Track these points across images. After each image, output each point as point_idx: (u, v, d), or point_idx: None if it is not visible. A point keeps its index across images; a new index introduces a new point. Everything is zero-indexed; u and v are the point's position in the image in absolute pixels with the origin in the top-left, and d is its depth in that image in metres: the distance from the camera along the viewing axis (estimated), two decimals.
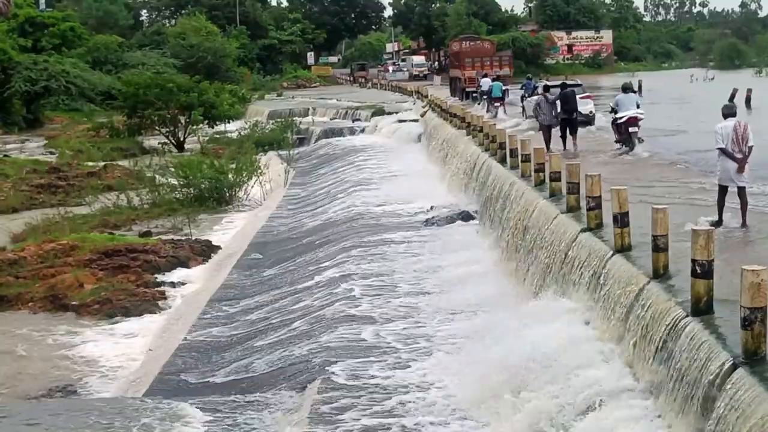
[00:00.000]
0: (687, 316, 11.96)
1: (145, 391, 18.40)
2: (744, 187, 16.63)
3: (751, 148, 16.34)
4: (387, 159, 51.10)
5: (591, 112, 38.17)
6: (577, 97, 34.17)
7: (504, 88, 50.56)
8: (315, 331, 20.53)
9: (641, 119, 29.61)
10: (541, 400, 13.44)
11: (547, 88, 33.50)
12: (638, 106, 29.50)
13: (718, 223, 16.30)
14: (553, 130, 31.02)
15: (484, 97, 52.23)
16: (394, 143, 57.43)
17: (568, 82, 37.63)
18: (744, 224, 16.64)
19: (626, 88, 30.22)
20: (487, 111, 48.65)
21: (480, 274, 23.19)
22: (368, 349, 18.84)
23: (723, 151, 16.33)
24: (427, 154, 50.27)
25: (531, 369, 14.16)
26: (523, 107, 45.12)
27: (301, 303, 23.38)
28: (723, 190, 16.64)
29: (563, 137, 30.81)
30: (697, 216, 17.04)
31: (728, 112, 16.58)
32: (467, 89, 65.17)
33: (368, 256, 27.33)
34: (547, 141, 30.08)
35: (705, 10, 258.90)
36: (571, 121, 30.94)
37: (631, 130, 28.96)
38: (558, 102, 31.02)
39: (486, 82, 52.97)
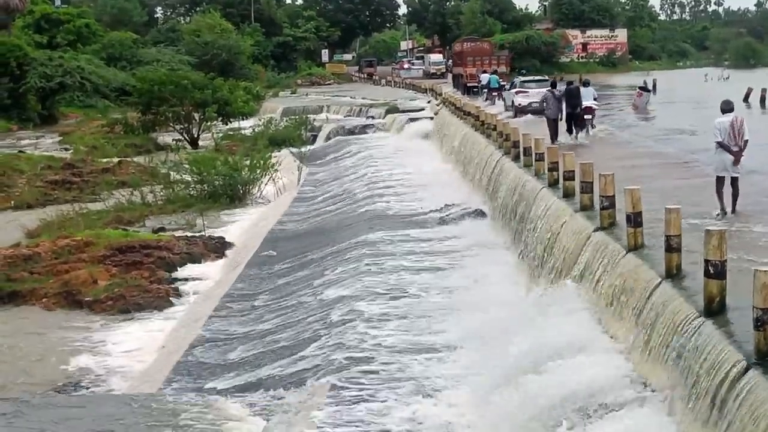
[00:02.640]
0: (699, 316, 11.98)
1: (158, 387, 18.45)
2: (737, 178, 17.64)
3: (746, 141, 17.34)
4: (400, 156, 51.13)
5: None
6: (545, 90, 38.98)
7: (502, 83, 58.20)
8: (326, 330, 20.52)
9: (595, 109, 35.46)
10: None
11: (554, 84, 35.60)
12: (595, 99, 35.19)
13: (722, 213, 17.58)
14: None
15: (485, 90, 60.34)
16: (408, 141, 57.40)
17: (537, 78, 51.45)
18: (734, 211, 17.68)
19: (585, 83, 35.65)
20: (486, 99, 57.72)
21: (493, 273, 23.17)
22: (372, 358, 18.81)
23: (720, 145, 17.35)
24: (440, 151, 50.29)
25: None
26: (504, 98, 52.93)
27: (315, 299, 23.41)
28: (720, 181, 17.68)
29: (569, 130, 32.90)
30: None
31: (726, 107, 17.54)
32: (468, 84, 70.74)
33: (381, 254, 27.35)
34: (552, 133, 32.28)
35: (720, 9, 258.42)
36: (575, 115, 32.83)
37: (586, 117, 33.75)
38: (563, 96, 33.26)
39: (485, 77, 61.64)
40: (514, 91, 49.11)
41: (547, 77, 52.89)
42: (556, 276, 19.09)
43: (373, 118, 71.58)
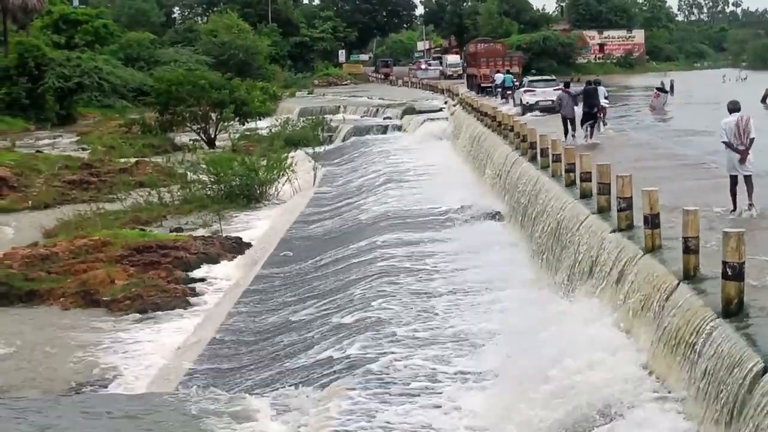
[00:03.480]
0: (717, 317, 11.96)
1: (175, 386, 18.48)
2: (750, 176, 17.97)
3: (752, 140, 17.70)
4: (415, 157, 51.08)
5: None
6: (551, 89, 47.84)
7: (516, 82, 60.17)
8: (343, 332, 20.52)
9: (606, 107, 36.47)
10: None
11: (567, 85, 36.77)
12: (606, 98, 36.26)
13: (733, 211, 18.04)
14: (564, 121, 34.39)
15: (499, 89, 62.60)
16: (424, 141, 57.39)
17: (544, 78, 56.28)
18: (750, 204, 17.91)
19: (596, 83, 36.49)
20: (501, 97, 59.74)
21: (508, 275, 23.12)
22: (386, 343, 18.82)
23: (726, 144, 17.91)
24: (457, 153, 50.26)
25: None
26: (513, 96, 55.78)
27: (331, 301, 23.42)
28: (733, 180, 18.14)
29: (585, 129, 33.38)
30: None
31: (733, 107, 18.03)
32: (483, 85, 72.31)
33: (400, 254, 27.34)
34: (566, 131, 33.42)
35: (738, 10, 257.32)
36: (591, 114, 33.41)
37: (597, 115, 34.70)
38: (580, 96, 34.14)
39: (499, 77, 64.26)
40: (522, 90, 52.12)
41: (554, 77, 57.53)
42: (573, 278, 19.06)
43: (390, 118, 71.57)
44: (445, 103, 72.91)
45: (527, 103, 49.41)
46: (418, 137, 59.64)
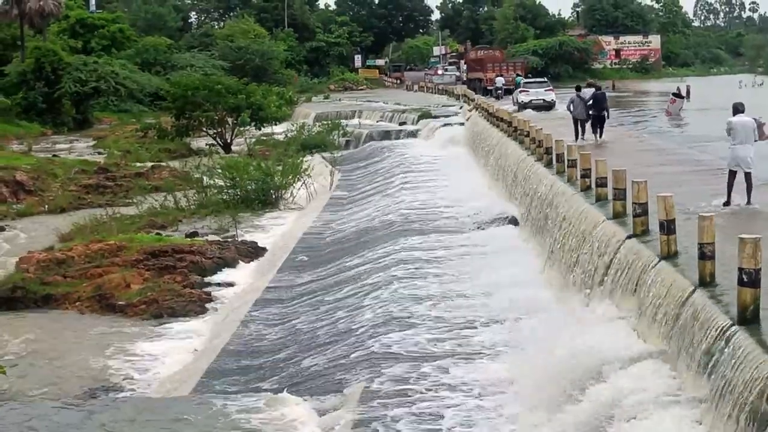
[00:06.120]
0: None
1: (190, 391, 18.52)
2: (750, 173, 19.12)
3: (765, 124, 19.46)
4: (431, 162, 51.06)
5: (552, 99, 54.71)
6: (543, 89, 57.32)
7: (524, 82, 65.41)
8: (359, 336, 20.52)
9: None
10: None
11: (579, 88, 38.03)
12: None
13: (727, 203, 19.17)
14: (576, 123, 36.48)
15: (499, 91, 73.20)
16: (440, 146, 57.33)
17: (537, 80, 64.89)
18: (749, 202, 19.14)
19: (591, 85, 38.91)
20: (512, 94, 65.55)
21: (523, 279, 23.10)
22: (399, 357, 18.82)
23: (732, 143, 19.09)
24: (472, 157, 50.21)
25: None
26: (513, 97, 62.19)
27: (347, 305, 23.42)
28: (732, 174, 19.20)
29: (594, 132, 35.56)
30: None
31: (740, 108, 19.32)
32: (487, 87, 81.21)
33: (414, 260, 27.35)
34: (577, 132, 35.67)
35: (755, 15, 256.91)
36: (600, 117, 35.31)
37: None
38: (590, 101, 35.58)
39: (500, 81, 76.24)
40: (518, 90, 59.75)
41: (545, 80, 65.39)
42: (588, 283, 19.02)
43: (405, 123, 71.54)
44: (461, 108, 72.85)
45: (521, 101, 56.52)
46: (434, 142, 59.61)
